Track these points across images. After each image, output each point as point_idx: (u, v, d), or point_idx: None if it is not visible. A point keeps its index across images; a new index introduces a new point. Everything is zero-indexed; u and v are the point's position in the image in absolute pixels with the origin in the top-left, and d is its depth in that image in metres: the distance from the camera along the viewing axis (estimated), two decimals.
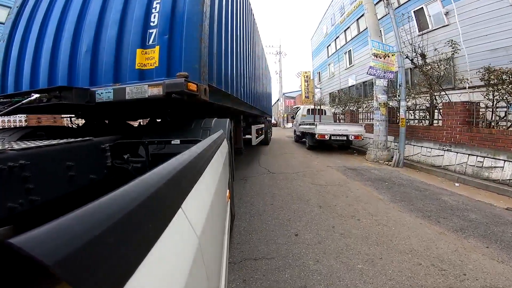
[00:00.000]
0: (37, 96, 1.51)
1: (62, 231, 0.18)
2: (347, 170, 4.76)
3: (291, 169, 4.81)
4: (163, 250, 0.30)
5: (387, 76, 5.69)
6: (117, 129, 2.24)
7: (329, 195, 3.19)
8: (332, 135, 6.62)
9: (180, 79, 1.51)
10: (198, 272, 0.40)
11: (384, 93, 5.86)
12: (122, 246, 0.23)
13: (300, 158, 6.17)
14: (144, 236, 0.27)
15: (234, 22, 3.20)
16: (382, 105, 5.82)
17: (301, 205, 2.82)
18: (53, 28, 2.16)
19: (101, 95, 1.65)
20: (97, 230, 0.20)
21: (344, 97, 11.67)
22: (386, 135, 5.86)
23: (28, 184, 0.88)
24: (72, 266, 0.17)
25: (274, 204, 2.87)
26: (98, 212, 0.22)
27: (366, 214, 2.57)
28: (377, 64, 5.57)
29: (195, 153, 0.62)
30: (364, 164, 5.42)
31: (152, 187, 0.32)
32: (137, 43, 1.84)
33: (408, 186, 3.67)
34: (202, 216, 0.51)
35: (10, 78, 2.31)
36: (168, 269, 0.30)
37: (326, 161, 5.67)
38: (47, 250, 0.16)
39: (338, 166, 5.14)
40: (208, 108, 2.44)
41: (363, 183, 3.80)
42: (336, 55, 15.79)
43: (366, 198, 3.08)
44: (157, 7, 1.86)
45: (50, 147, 1.01)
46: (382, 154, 5.73)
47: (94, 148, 1.32)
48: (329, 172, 4.53)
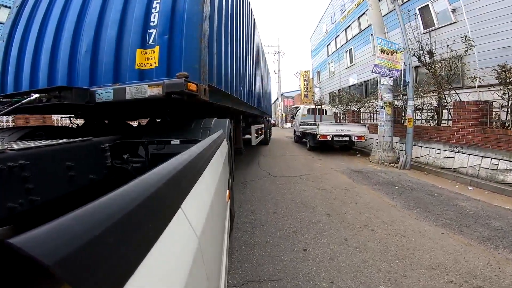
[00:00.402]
0: (37, 96, 1.51)
1: (62, 231, 0.18)
2: (352, 172, 4.55)
3: (293, 171, 4.59)
4: (163, 250, 0.30)
5: (393, 75, 5.50)
6: (116, 129, 2.24)
7: (336, 202, 2.95)
8: (335, 135, 6.41)
9: (180, 79, 1.51)
10: (198, 272, 0.40)
11: (390, 92, 5.64)
12: (122, 246, 0.23)
13: (301, 159, 5.95)
14: (144, 236, 0.27)
15: (233, 22, 3.20)
16: (388, 105, 5.60)
17: (307, 214, 2.58)
18: (52, 27, 2.16)
19: (101, 95, 1.65)
20: (97, 230, 0.20)
21: (346, 96, 11.35)
22: (391, 135, 5.65)
23: (28, 184, 0.88)
24: (72, 266, 0.17)
25: (278, 212, 2.63)
26: (98, 212, 0.22)
27: (380, 224, 2.35)
28: (382, 62, 5.37)
29: (195, 153, 0.62)
30: (369, 166, 5.20)
31: (152, 187, 0.32)
32: (137, 43, 1.84)
33: (420, 191, 3.45)
34: (202, 216, 0.52)
35: (10, 77, 2.32)
36: (168, 269, 0.30)
37: (328, 163, 5.47)
38: (46, 250, 0.16)
39: (342, 168, 4.94)
40: (208, 108, 2.44)
41: (371, 187, 3.57)
42: (336, 54, 15.58)
43: (377, 205, 2.86)
44: (157, 7, 1.86)
45: (49, 147, 1.01)
46: (387, 156, 5.50)
47: (93, 148, 1.32)
48: (333, 175, 4.32)
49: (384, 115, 5.68)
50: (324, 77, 18.37)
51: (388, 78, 5.59)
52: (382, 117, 5.74)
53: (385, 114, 5.67)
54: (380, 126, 5.83)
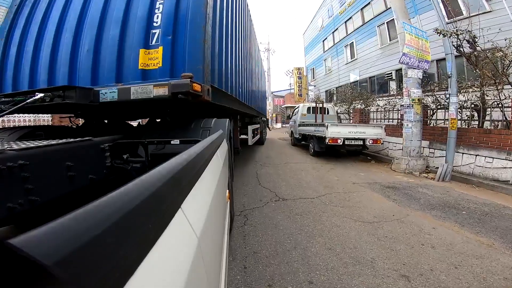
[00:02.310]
0: (42, 95, 1.51)
1: (61, 231, 0.18)
2: (385, 189, 3.55)
3: (306, 190, 3.42)
4: (163, 250, 0.30)
5: (422, 66, 4.62)
6: (116, 129, 2.24)
7: (401, 246, 1.93)
8: (346, 139, 5.42)
9: (186, 80, 1.53)
10: (198, 272, 0.40)
11: (419, 87, 4.72)
12: (122, 247, 0.23)
13: (309, 169, 4.87)
14: (143, 237, 0.27)
15: (233, 22, 3.22)
16: (417, 102, 4.61)
17: (366, 279, 1.52)
18: (53, 26, 2.15)
19: (105, 95, 1.66)
20: (96, 230, 0.20)
21: (351, 93, 10.01)
22: (420, 139, 4.75)
23: (28, 184, 0.88)
24: (71, 267, 0.17)
25: (315, 283, 1.49)
26: (98, 212, 0.22)
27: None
28: (411, 50, 4.44)
29: (195, 153, 0.62)
30: (397, 178, 4.27)
31: (152, 187, 0.32)
32: (140, 43, 1.85)
33: (499, 216, 2.57)
34: (202, 216, 0.51)
35: (8, 73, 2.30)
36: (167, 269, 0.30)
37: (345, 174, 4.45)
38: (46, 250, 0.16)
39: (367, 182, 3.94)
40: (207, 108, 2.45)
41: (430, 214, 2.61)
42: (334, 49, 14.54)
43: (465, 247, 1.93)
44: (160, 8, 1.88)
45: (49, 147, 1.00)
46: (416, 164, 4.54)
47: (93, 148, 1.32)
48: (363, 194, 3.25)
49: (413, 115, 4.72)
50: (319, 74, 17.29)
51: (417, 70, 4.65)
52: (410, 117, 4.77)
53: (413, 114, 4.71)
54: (406, 128, 4.84)
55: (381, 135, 5.59)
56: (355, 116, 8.63)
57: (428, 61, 4.79)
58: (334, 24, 14.54)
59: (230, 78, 2.94)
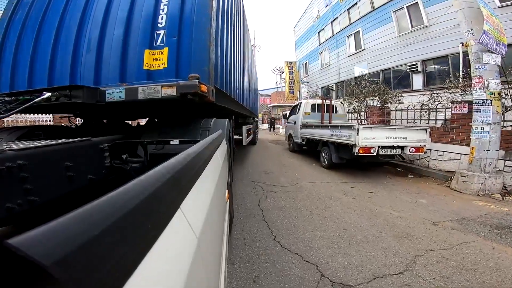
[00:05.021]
0: (49, 94, 1.51)
1: (60, 232, 0.18)
2: (494, 230, 2.22)
3: (370, 248, 1.86)
4: (162, 250, 0.30)
5: (499, 50, 3.56)
6: (115, 129, 2.25)
7: None
8: (382, 147, 3.91)
9: (194, 81, 1.56)
10: (198, 272, 0.40)
11: (498, 77, 3.54)
12: (121, 247, 0.23)
13: (340, 195, 3.14)
14: (143, 237, 0.27)
15: (232, 23, 3.24)
16: (497, 97, 3.42)
17: None
18: (54, 24, 2.11)
19: (112, 94, 1.67)
20: (95, 230, 0.20)
21: (367, 88, 7.70)
22: (498, 149, 3.55)
23: (27, 185, 0.88)
24: (70, 267, 0.17)
25: None
26: (97, 212, 0.22)
27: None
28: (491, 29, 3.43)
29: (194, 153, 0.62)
30: (480, 206, 2.91)
31: (151, 187, 0.32)
32: (144, 44, 1.86)
33: None
34: (201, 216, 0.51)
35: (5, 74, 2.25)
36: (167, 269, 0.30)
37: (399, 204, 2.88)
38: (45, 251, 0.16)
39: (451, 218, 2.47)
40: (207, 108, 2.45)
41: None
42: (334, 40, 13.01)
43: None
44: (165, 9, 1.89)
45: (48, 147, 1.00)
46: (495, 183, 3.35)
47: (92, 148, 1.32)
48: (476, 248, 1.88)
49: (490, 114, 3.45)
50: (313, 69, 15.53)
51: (495, 55, 3.54)
52: (485, 118, 3.50)
53: (492, 113, 3.45)
54: (478, 133, 3.54)
55: (425, 141, 4.19)
56: (373, 116, 6.79)
57: (505, 45, 3.71)
58: (333, 13, 12.90)
59: (230, 79, 2.96)
